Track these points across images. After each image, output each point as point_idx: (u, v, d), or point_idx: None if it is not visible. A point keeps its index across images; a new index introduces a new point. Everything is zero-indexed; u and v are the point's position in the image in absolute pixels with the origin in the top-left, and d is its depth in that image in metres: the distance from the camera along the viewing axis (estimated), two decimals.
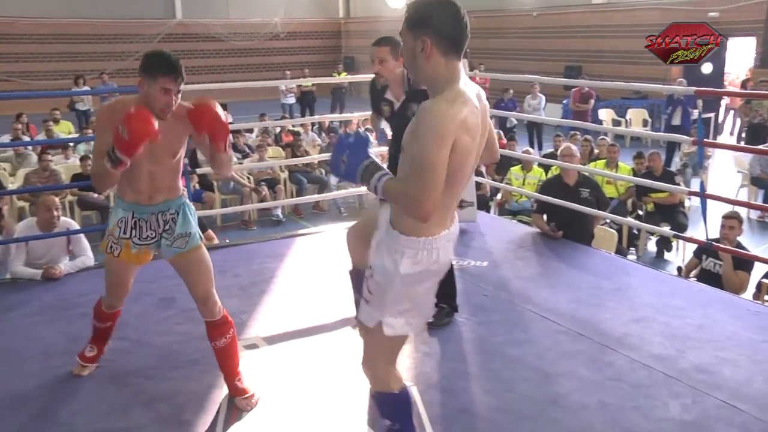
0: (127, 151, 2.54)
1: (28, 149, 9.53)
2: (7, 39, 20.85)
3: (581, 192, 5.32)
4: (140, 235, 2.88)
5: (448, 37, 1.93)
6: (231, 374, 3.04)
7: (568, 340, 3.57)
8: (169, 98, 2.66)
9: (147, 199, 2.85)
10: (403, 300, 2.10)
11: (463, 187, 2.07)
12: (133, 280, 3.10)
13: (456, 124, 1.87)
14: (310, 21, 25.41)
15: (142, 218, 2.87)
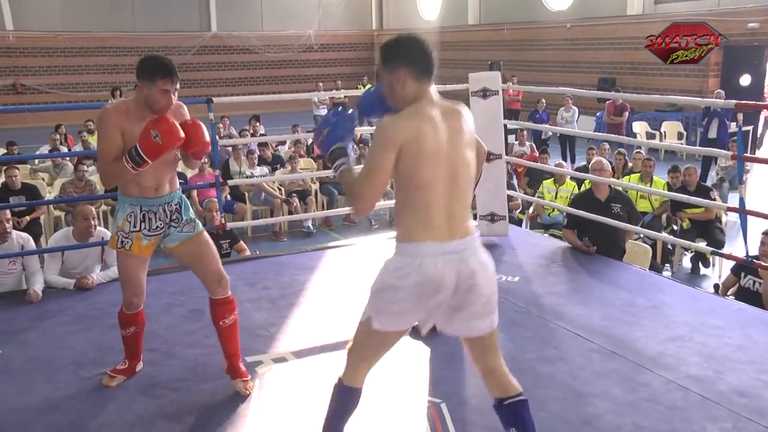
0: (156, 154, 2.77)
1: (66, 159, 9.70)
2: (49, 52, 21.39)
3: (612, 207, 5.23)
4: (149, 226, 3.03)
5: (419, 66, 2.27)
6: (236, 354, 3.17)
7: (602, 358, 3.48)
8: (169, 98, 2.85)
9: (153, 192, 3.01)
10: (392, 301, 2.24)
11: (439, 195, 2.22)
12: (145, 275, 3.20)
13: (400, 133, 2.19)
14: (343, 33, 25.57)
15: (151, 210, 3.03)
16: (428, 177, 2.21)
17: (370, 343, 2.38)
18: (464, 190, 2.32)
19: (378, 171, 2.20)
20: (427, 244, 2.21)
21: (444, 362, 3.49)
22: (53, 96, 21.22)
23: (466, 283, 2.25)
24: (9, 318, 4.11)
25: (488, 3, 21.14)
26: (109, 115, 2.90)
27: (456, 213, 2.27)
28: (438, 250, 2.21)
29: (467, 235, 2.28)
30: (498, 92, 5.43)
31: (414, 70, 2.27)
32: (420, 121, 2.22)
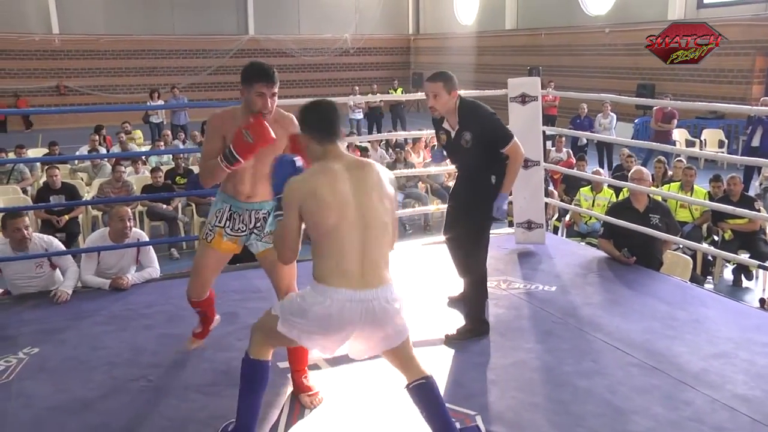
0: (247, 153, 2.92)
1: (104, 160, 9.85)
2: (91, 55, 21.85)
3: (651, 218, 5.10)
4: (233, 226, 3.18)
5: (318, 130, 2.54)
6: (300, 369, 3.20)
7: (642, 373, 3.38)
8: (265, 101, 2.96)
9: (245, 198, 3.15)
10: (299, 321, 2.48)
11: (352, 242, 2.41)
12: (217, 273, 3.36)
13: (296, 193, 2.44)
14: (379, 37, 25.61)
15: (237, 212, 3.18)
16: (334, 223, 2.41)
17: (273, 334, 2.58)
18: (379, 236, 2.47)
19: (288, 229, 2.51)
20: (338, 290, 2.40)
21: (479, 374, 3.42)
22: (94, 98, 21.65)
23: (374, 326, 2.47)
24: (47, 316, 4.15)
25: (526, 7, 20.96)
26: (213, 120, 3.12)
27: (371, 260, 2.44)
28: (347, 297, 2.40)
29: (381, 285, 2.45)
30: (537, 98, 5.34)
31: (316, 136, 2.54)
32: (318, 176, 2.47)
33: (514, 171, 3.74)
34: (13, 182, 9.29)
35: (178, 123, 15.05)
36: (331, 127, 2.55)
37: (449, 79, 3.71)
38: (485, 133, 3.70)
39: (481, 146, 3.71)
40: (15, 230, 4.43)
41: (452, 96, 3.70)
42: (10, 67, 21.04)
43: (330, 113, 2.59)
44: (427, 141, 10.91)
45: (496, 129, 3.71)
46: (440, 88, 3.67)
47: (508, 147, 3.67)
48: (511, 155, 3.70)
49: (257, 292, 4.51)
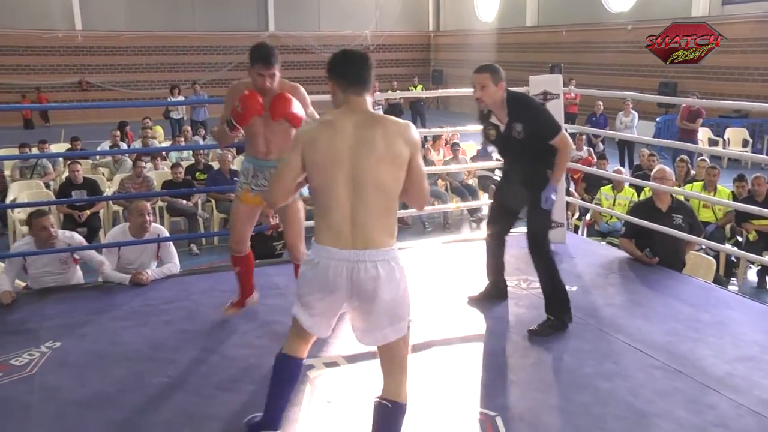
0: (240, 121, 3.42)
1: (125, 155, 9.92)
2: (113, 51, 22.04)
3: (674, 218, 5.02)
4: (256, 182, 3.62)
5: (343, 79, 2.49)
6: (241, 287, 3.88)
7: (665, 376, 3.33)
8: (263, 80, 3.43)
9: (263, 155, 3.60)
10: (303, 289, 2.48)
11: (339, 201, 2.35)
12: (249, 228, 3.83)
13: (304, 137, 2.45)
14: (399, 34, 25.55)
15: (259, 169, 3.62)
16: (322, 181, 2.39)
17: (295, 324, 2.60)
18: (372, 201, 2.36)
19: (287, 169, 2.49)
20: (325, 248, 2.38)
21: (498, 374, 3.40)
22: (115, 93, 21.84)
23: (364, 294, 2.36)
24: (68, 311, 4.18)
25: (547, 4, 20.81)
26: (228, 91, 3.64)
27: (360, 222, 2.35)
28: (332, 255, 2.36)
29: (369, 247, 2.35)
30: (559, 96, 5.28)
31: (340, 82, 2.49)
32: (323, 127, 2.44)
33: (562, 163, 3.76)
34: (36, 177, 9.39)
35: (197, 119, 15.12)
36: (354, 77, 2.48)
37: (496, 70, 3.74)
38: (536, 124, 3.73)
39: (533, 138, 3.73)
40: (41, 228, 4.44)
41: (499, 87, 3.72)
42: (34, 63, 21.28)
43: (358, 62, 2.51)
44: (447, 138, 10.84)
45: (546, 121, 3.75)
46: (487, 79, 3.70)
47: (557, 139, 3.69)
48: (560, 147, 3.71)
49: (275, 288, 4.51)
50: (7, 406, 3.09)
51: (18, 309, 4.20)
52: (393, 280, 2.38)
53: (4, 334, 3.83)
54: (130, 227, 4.73)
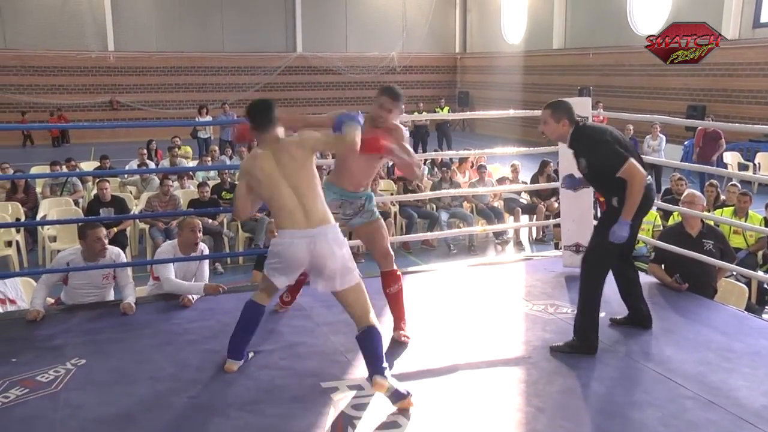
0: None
1: (152, 174, 10.04)
2: (143, 71, 22.46)
3: (704, 244, 4.93)
4: (344, 211, 3.92)
5: (253, 122, 3.45)
6: (398, 317, 4.04)
7: (697, 407, 3.24)
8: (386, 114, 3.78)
9: (352, 188, 3.91)
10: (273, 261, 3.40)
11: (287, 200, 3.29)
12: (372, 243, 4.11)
13: (244, 169, 3.51)
14: (426, 56, 25.69)
15: (347, 200, 3.92)
16: (269, 194, 3.35)
17: (266, 280, 3.51)
18: (307, 193, 3.29)
19: (238, 194, 3.58)
20: (289, 231, 3.28)
21: (525, 400, 3.33)
22: (145, 113, 22.20)
23: (318, 260, 3.25)
24: (95, 328, 4.20)
25: (574, 27, 20.80)
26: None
27: (309, 207, 3.27)
28: (296, 235, 3.26)
29: (321, 224, 3.27)
30: (588, 119, 5.24)
31: (253, 125, 3.44)
32: (252, 160, 3.44)
33: (632, 195, 3.64)
34: (66, 194, 9.53)
35: (226, 138, 15.26)
36: (260, 120, 3.39)
37: (557, 107, 3.82)
38: (596, 159, 3.74)
39: (597, 172, 3.79)
40: (96, 240, 4.47)
41: (561, 125, 3.79)
42: (67, 83, 21.74)
43: (260, 109, 3.40)
44: (473, 161, 10.81)
45: (606, 155, 3.68)
46: (548, 116, 3.81)
47: (622, 171, 3.62)
48: (627, 179, 3.63)
49: (300, 309, 4.50)
50: (32, 423, 3.10)
51: (45, 325, 4.23)
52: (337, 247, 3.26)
53: (31, 350, 3.85)
54: (180, 242, 4.73)
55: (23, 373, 3.54)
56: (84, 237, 4.51)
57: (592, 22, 19.81)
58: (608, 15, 19.07)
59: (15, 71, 21.18)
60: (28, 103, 21.08)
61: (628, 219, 3.66)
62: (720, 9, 15.50)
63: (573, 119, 3.80)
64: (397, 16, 25.08)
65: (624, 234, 3.67)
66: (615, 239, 3.69)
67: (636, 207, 3.66)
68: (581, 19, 20.44)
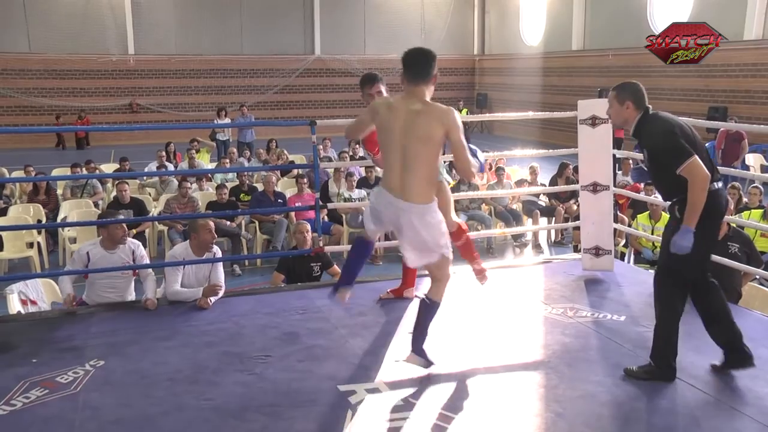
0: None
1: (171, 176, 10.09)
2: (163, 74, 22.64)
3: (729, 247, 4.85)
4: None
5: (405, 72, 3.36)
6: (470, 260, 4.42)
7: (721, 414, 3.18)
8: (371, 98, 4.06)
9: None
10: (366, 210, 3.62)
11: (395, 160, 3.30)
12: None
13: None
14: (444, 58, 25.56)
15: None
16: (383, 141, 3.38)
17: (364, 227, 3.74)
18: (412, 166, 3.25)
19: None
20: (381, 189, 3.40)
21: (545, 405, 3.29)
22: (164, 115, 22.37)
23: (401, 231, 3.36)
24: (113, 330, 4.23)
25: (593, 28, 20.65)
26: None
27: (407, 181, 3.27)
28: (383, 194, 3.37)
29: (412, 201, 3.27)
30: (608, 120, 5.18)
31: (404, 74, 3.34)
32: (386, 104, 3.41)
33: (692, 198, 3.22)
34: (86, 196, 9.61)
35: (244, 140, 15.33)
36: (411, 72, 3.32)
37: (622, 89, 3.50)
38: (658, 151, 3.37)
39: (657, 167, 3.41)
40: (117, 227, 4.64)
41: (625, 107, 3.45)
42: (88, 86, 21.98)
43: (416, 60, 3.35)
44: (492, 163, 10.75)
45: (669, 147, 3.28)
46: (612, 98, 3.52)
47: (682, 168, 3.21)
48: (688, 178, 3.22)
49: (318, 312, 4.49)
50: (51, 424, 3.11)
51: (64, 326, 4.26)
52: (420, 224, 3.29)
53: (51, 351, 3.88)
54: (194, 245, 4.73)
55: (43, 374, 3.56)
56: (105, 226, 4.68)
57: (612, 23, 19.64)
58: (628, 16, 18.90)
59: (39, 74, 21.46)
60: (51, 106, 21.33)
61: (691, 226, 3.23)
62: (743, 9, 15.30)
63: (640, 104, 3.45)
64: (415, 18, 25.06)
65: (686, 244, 3.23)
66: (676, 250, 3.26)
67: (698, 211, 3.22)
68: (600, 20, 20.28)
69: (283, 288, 5.20)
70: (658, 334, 3.52)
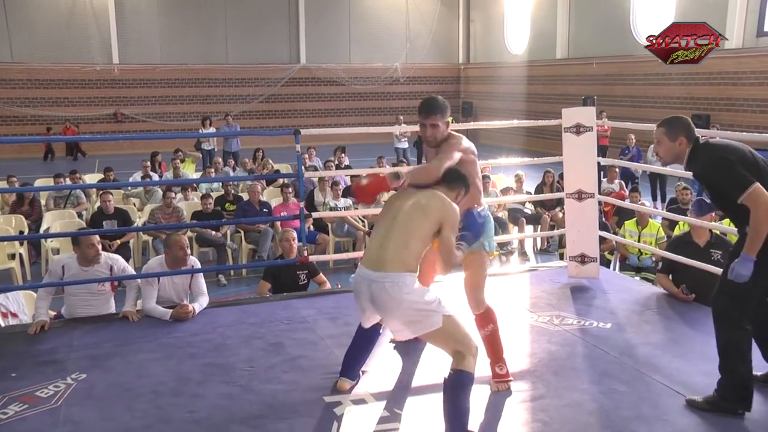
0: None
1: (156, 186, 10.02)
2: (147, 84, 22.53)
3: (712, 254, 4.88)
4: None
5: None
6: (492, 360, 3.57)
7: (707, 422, 3.18)
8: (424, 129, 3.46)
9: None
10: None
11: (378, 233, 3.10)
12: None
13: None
14: (429, 66, 25.74)
15: None
16: (377, 218, 3.21)
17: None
18: (397, 237, 2.97)
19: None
20: (359, 266, 3.09)
21: (531, 414, 3.29)
22: (149, 125, 22.25)
23: (375, 305, 2.98)
24: (96, 342, 4.17)
25: (577, 36, 20.80)
26: None
27: (385, 249, 2.97)
28: (359, 272, 3.06)
29: (385, 270, 2.92)
30: (592, 128, 5.21)
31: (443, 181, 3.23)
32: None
33: (754, 227, 3.05)
34: (69, 207, 9.52)
35: (229, 150, 15.28)
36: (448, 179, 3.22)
37: (673, 125, 3.36)
38: (714, 181, 3.25)
39: (719, 197, 3.30)
40: (89, 246, 4.52)
41: (678, 143, 3.31)
42: (72, 96, 21.83)
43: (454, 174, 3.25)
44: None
45: (725, 177, 3.14)
46: (662, 135, 3.36)
47: (744, 197, 3.05)
48: (750, 206, 3.05)
49: (304, 322, 4.46)
50: None
51: (46, 339, 4.20)
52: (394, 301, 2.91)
53: (31, 365, 3.82)
54: (168, 260, 4.66)
55: (23, 389, 3.51)
56: (78, 243, 4.56)
57: (595, 32, 19.80)
58: (611, 24, 19.06)
59: (21, 84, 21.28)
60: (34, 116, 21.17)
61: (751, 255, 3.06)
62: (724, 18, 15.47)
63: (691, 136, 3.30)
64: (400, 27, 25.14)
65: (744, 273, 3.07)
66: (733, 277, 3.11)
67: (760, 240, 3.05)
68: (584, 29, 20.44)
69: (269, 298, 5.17)
70: (723, 367, 3.28)
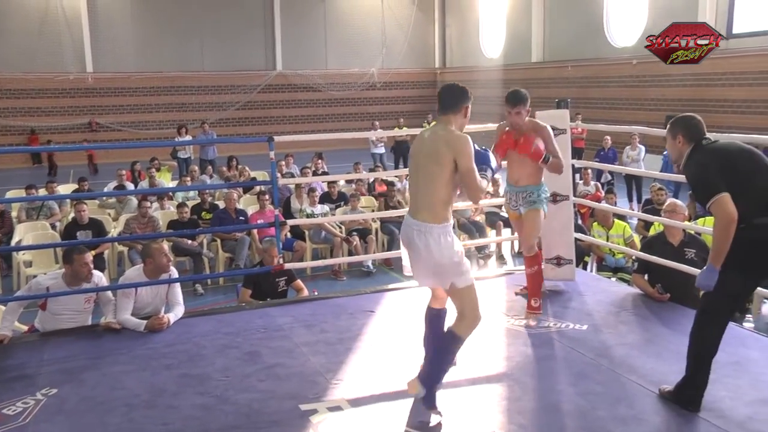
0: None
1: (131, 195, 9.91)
2: (122, 92, 22.32)
3: (686, 252, 4.92)
4: (510, 202, 4.74)
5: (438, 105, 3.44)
6: (530, 293, 4.70)
7: (682, 420, 3.20)
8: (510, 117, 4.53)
9: (515, 183, 4.68)
10: None
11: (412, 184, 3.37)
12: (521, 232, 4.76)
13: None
14: (406, 71, 25.79)
15: (512, 193, 4.71)
16: (409, 169, 3.44)
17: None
18: (423, 186, 3.26)
19: None
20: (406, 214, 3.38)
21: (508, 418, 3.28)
22: (124, 134, 22.06)
23: (410, 247, 3.27)
24: (68, 356, 4.10)
25: (552, 40, 20.97)
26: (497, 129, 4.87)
27: (418, 200, 3.29)
28: (406, 219, 3.34)
29: (423, 220, 3.21)
30: (566, 131, 5.24)
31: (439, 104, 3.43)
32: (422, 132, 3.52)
33: (717, 236, 3.04)
34: (42, 218, 9.37)
35: (206, 158, 15.16)
36: (439, 104, 3.40)
37: (673, 122, 3.38)
38: (692, 186, 3.26)
39: (699, 200, 3.29)
40: (83, 265, 4.40)
41: (677, 141, 3.31)
42: (45, 105, 21.56)
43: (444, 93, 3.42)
44: None
45: (698, 180, 3.16)
46: (666, 132, 3.42)
47: (710, 204, 3.04)
48: (715, 215, 3.05)
49: (280, 330, 4.43)
50: None
51: (16, 353, 4.12)
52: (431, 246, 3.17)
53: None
54: (147, 269, 4.58)
55: None
56: (70, 262, 4.42)
57: (570, 36, 19.98)
58: (586, 28, 19.25)
59: None
60: (5, 126, 20.87)
61: (715, 265, 3.06)
62: (694, 20, 15.67)
63: (691, 136, 3.27)
64: (376, 33, 25.18)
65: (707, 282, 3.10)
66: (698, 284, 3.20)
67: (722, 251, 3.02)
68: (559, 33, 20.61)
69: (245, 307, 5.12)
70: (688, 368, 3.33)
